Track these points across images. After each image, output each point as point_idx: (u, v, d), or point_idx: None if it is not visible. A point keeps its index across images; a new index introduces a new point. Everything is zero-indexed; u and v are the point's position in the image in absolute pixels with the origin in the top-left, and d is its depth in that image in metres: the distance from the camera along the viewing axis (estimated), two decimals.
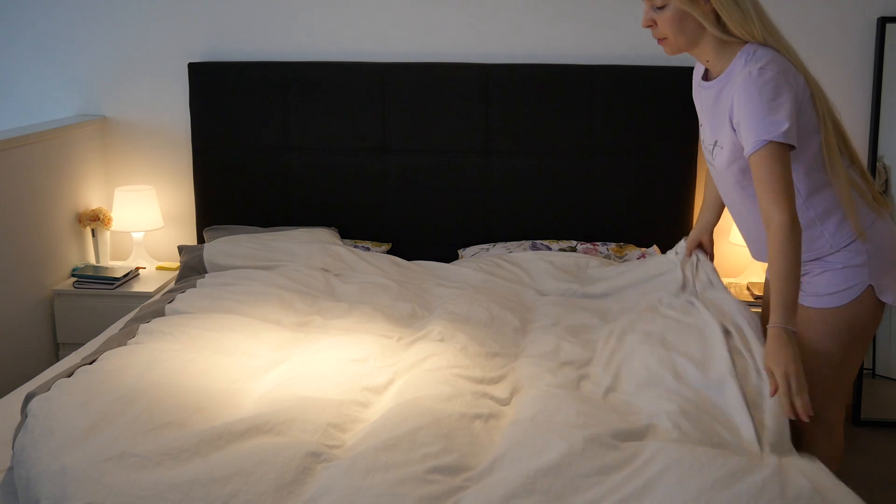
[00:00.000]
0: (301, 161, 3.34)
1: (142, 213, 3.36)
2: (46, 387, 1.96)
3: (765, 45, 1.95)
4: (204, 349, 2.20)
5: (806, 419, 1.79)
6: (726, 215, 2.64)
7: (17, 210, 3.04)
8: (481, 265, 2.98)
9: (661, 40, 2.02)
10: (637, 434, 1.82)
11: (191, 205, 3.52)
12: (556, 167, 3.22)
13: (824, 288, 2.04)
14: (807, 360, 1.92)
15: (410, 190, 3.32)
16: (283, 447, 1.70)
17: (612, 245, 3.09)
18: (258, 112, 3.32)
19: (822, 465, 1.72)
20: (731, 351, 2.09)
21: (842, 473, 1.83)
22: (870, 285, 2.02)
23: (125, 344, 2.24)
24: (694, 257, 2.63)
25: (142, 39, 3.43)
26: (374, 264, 2.97)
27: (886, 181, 3.23)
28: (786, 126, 1.86)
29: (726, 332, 2.18)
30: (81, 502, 1.55)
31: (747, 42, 1.97)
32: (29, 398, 1.92)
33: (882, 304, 2.05)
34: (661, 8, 1.96)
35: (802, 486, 1.60)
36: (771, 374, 1.86)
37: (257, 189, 3.37)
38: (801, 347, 1.92)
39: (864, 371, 3.30)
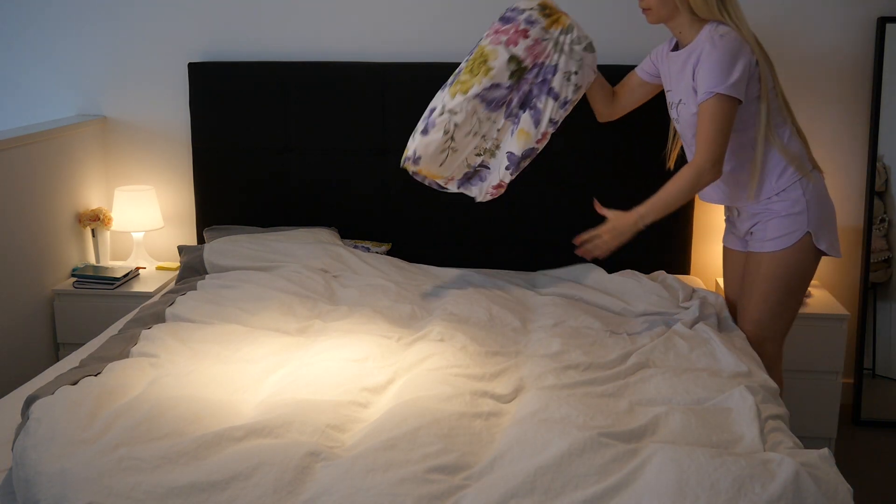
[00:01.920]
0: (301, 161, 3.34)
1: (142, 213, 3.36)
2: (49, 390, 1.96)
3: (723, 23, 2.35)
4: (205, 359, 2.21)
5: (588, 257, 2.41)
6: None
7: (17, 210, 3.04)
8: (482, 271, 3.02)
9: (645, 9, 2.41)
10: (638, 434, 1.82)
11: (191, 205, 3.52)
12: (556, 167, 3.22)
13: (771, 233, 2.45)
14: (755, 301, 2.49)
15: (410, 190, 3.32)
16: (281, 448, 1.70)
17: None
18: (258, 112, 3.32)
19: (829, 468, 1.72)
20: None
21: (842, 473, 1.83)
22: (808, 232, 2.42)
23: (127, 352, 2.25)
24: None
25: (142, 39, 3.43)
26: (373, 265, 2.97)
27: (886, 181, 3.23)
28: (733, 80, 2.26)
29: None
30: (81, 503, 1.55)
31: (710, 20, 2.37)
32: (30, 401, 1.92)
33: (819, 255, 2.47)
34: None
35: (809, 488, 1.60)
36: (597, 235, 2.38)
37: (257, 189, 3.37)
38: (752, 290, 2.49)
39: (864, 371, 3.30)
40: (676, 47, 2.51)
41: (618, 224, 2.36)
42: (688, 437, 1.82)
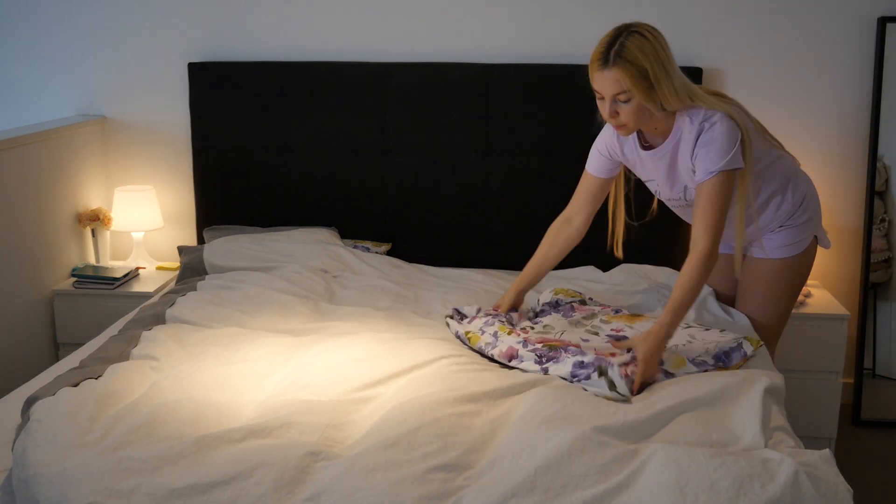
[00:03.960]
0: (301, 161, 3.34)
1: (142, 213, 3.36)
2: (50, 391, 1.96)
3: (693, 107, 2.24)
4: (204, 361, 2.20)
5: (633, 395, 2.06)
6: None
7: (17, 210, 3.04)
8: (482, 271, 3.02)
9: (619, 126, 2.25)
10: (638, 433, 1.82)
11: (191, 205, 3.52)
12: (556, 167, 3.22)
13: (781, 241, 2.46)
14: (759, 304, 2.52)
15: (410, 190, 3.32)
16: (281, 448, 1.70)
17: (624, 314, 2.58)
18: (258, 112, 3.32)
19: (828, 468, 1.72)
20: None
21: (842, 473, 1.83)
22: (815, 236, 2.50)
23: (128, 353, 2.25)
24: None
25: (142, 39, 3.43)
26: (373, 266, 2.97)
27: (886, 181, 3.23)
28: (729, 156, 2.18)
29: None
30: (82, 503, 1.55)
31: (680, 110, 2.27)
32: (31, 401, 1.92)
33: (815, 253, 2.55)
34: (626, 102, 2.18)
35: (808, 489, 1.60)
36: (627, 351, 2.15)
37: (257, 189, 3.37)
38: (755, 293, 2.52)
39: (865, 371, 3.30)
40: (643, 145, 2.38)
41: (648, 347, 2.11)
42: (688, 436, 1.82)
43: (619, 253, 2.63)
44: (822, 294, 3.19)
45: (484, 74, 3.21)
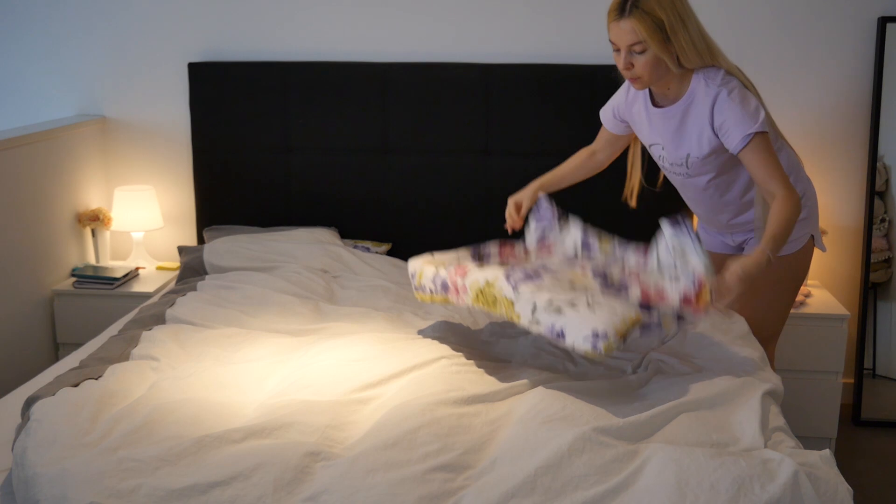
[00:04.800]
0: (301, 161, 3.34)
1: (142, 213, 3.36)
2: (50, 391, 1.96)
3: (714, 66, 2.24)
4: (204, 362, 2.20)
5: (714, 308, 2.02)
6: None
7: (17, 210, 3.04)
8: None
9: (634, 79, 2.24)
10: (638, 433, 1.82)
11: (191, 205, 3.52)
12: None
13: None
14: (759, 305, 2.47)
15: (410, 190, 3.32)
16: (281, 448, 1.70)
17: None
18: (258, 112, 3.32)
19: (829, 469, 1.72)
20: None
21: (842, 473, 1.83)
22: (811, 235, 2.49)
23: (128, 354, 2.25)
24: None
25: (142, 39, 3.43)
26: (373, 266, 2.98)
27: (886, 181, 3.23)
28: (762, 116, 2.18)
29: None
30: (82, 503, 1.55)
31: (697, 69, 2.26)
32: (31, 401, 1.92)
33: (812, 253, 2.53)
34: (641, 53, 2.17)
35: (808, 489, 1.60)
36: (722, 277, 2.03)
37: (257, 189, 3.37)
38: (756, 294, 2.29)
39: (865, 371, 3.30)
40: (654, 103, 2.37)
41: (746, 265, 2.05)
42: (688, 436, 1.82)
43: (633, 203, 2.63)
44: (822, 294, 3.19)
45: (484, 74, 3.21)
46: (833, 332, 3.02)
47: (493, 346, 2.37)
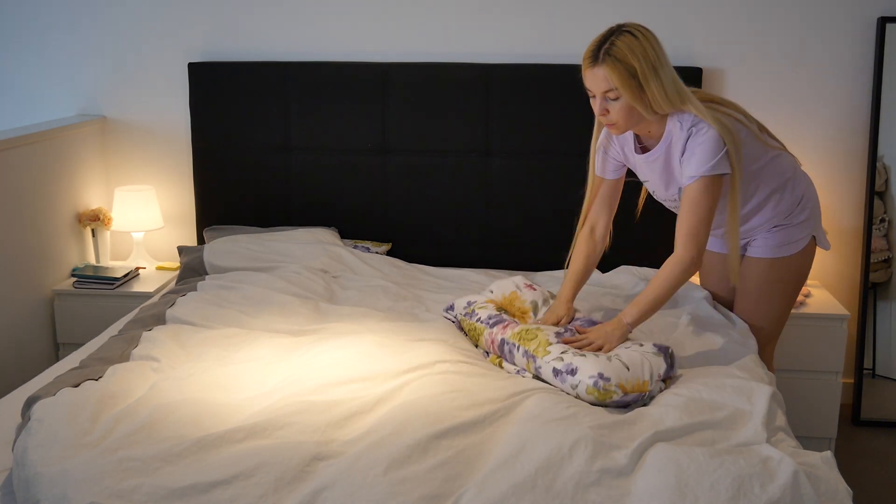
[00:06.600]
0: (301, 161, 3.34)
1: (142, 213, 3.36)
2: (50, 391, 1.96)
3: (684, 111, 2.23)
4: (205, 362, 2.21)
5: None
6: None
7: (17, 210, 3.04)
8: (481, 271, 3.03)
9: (611, 125, 2.25)
10: (639, 433, 1.82)
11: (191, 205, 3.52)
12: (556, 167, 3.22)
13: (779, 240, 2.45)
14: (759, 305, 2.51)
15: (410, 190, 3.32)
16: (282, 447, 1.70)
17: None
18: (258, 112, 3.32)
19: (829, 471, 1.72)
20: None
21: (842, 473, 1.83)
22: (813, 236, 2.48)
23: (128, 354, 2.25)
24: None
25: (142, 39, 3.43)
26: (373, 266, 2.98)
27: (886, 181, 3.23)
28: (716, 163, 2.17)
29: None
30: (83, 503, 1.55)
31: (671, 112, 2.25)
32: (31, 401, 1.92)
33: (814, 253, 2.52)
34: (615, 100, 2.18)
35: (808, 489, 1.60)
36: (585, 337, 2.17)
37: (257, 189, 3.37)
38: (753, 294, 2.50)
39: (865, 371, 3.30)
40: (639, 148, 2.39)
41: (606, 329, 2.19)
42: (688, 436, 1.82)
43: (637, 216, 2.65)
44: (822, 294, 3.19)
45: (484, 74, 3.21)
46: (833, 332, 3.02)
47: None
